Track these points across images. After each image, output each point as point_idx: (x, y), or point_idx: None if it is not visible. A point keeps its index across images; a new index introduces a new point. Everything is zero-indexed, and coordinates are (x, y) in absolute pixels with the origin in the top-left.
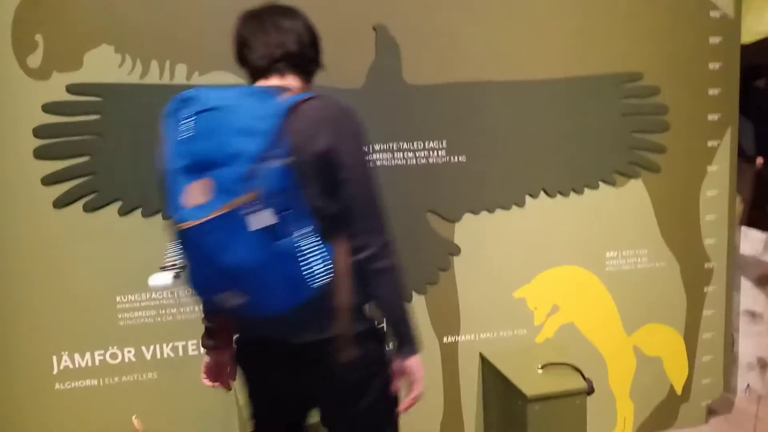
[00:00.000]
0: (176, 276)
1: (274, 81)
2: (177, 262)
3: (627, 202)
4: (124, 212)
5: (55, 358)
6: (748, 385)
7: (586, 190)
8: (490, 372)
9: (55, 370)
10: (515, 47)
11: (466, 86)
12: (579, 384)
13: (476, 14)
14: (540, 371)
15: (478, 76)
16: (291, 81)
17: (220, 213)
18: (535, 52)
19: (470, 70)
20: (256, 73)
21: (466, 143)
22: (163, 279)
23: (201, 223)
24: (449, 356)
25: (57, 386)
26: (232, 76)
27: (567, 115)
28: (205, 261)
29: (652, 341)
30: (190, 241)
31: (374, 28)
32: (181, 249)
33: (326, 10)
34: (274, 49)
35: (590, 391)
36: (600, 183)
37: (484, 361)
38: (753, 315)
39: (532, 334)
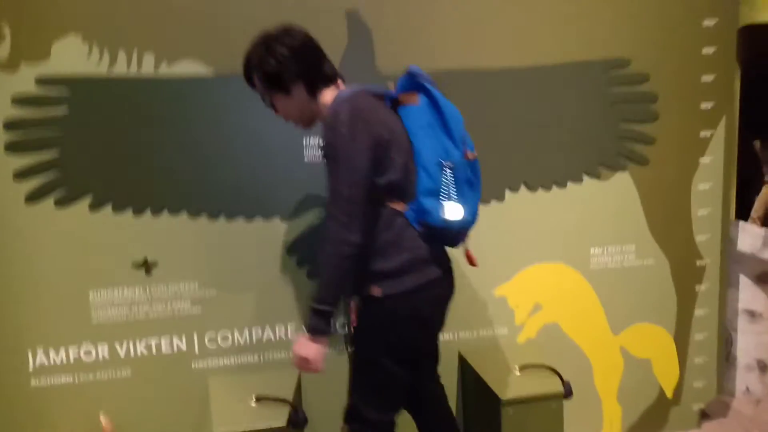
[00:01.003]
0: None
1: (341, 84)
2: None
3: (613, 196)
4: (93, 207)
5: (30, 354)
6: (747, 388)
7: (570, 184)
8: (468, 372)
9: (31, 367)
10: (493, 33)
11: (442, 74)
12: (556, 387)
13: None
14: (518, 373)
15: (455, 64)
16: None
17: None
18: (515, 38)
19: (446, 58)
20: (327, 80)
21: None
22: (457, 211)
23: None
24: None
25: (33, 383)
26: (201, 65)
27: (549, 105)
28: (472, 184)
29: (641, 342)
30: (467, 171)
31: (346, 13)
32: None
33: None
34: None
35: (567, 394)
36: (584, 176)
37: (463, 361)
38: (752, 314)
39: (513, 333)
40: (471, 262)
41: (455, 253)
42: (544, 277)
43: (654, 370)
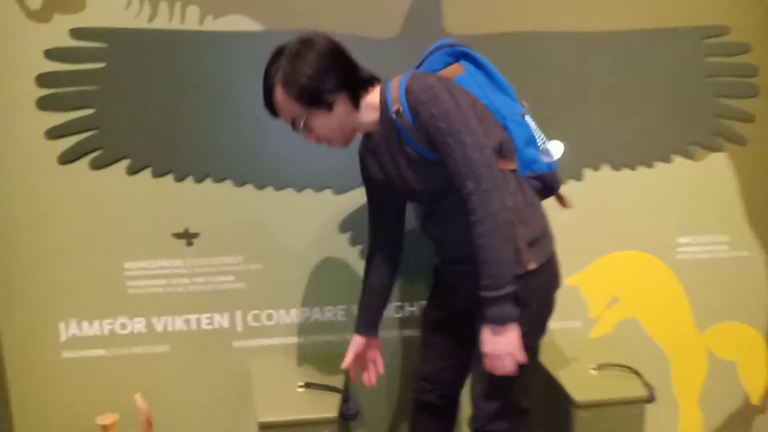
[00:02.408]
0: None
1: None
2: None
3: (707, 180)
4: (132, 171)
5: (62, 325)
6: None
7: (657, 164)
8: None
9: (63, 338)
10: None
11: (516, 37)
12: (638, 391)
13: None
14: (593, 372)
15: (531, 26)
16: None
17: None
18: None
19: (521, 18)
20: (367, 83)
21: None
22: (559, 147)
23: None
24: None
25: (64, 354)
26: (249, 20)
27: (637, 75)
28: None
29: (728, 342)
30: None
31: None
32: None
33: None
34: None
35: (651, 399)
36: (674, 156)
37: None
38: None
39: (586, 327)
40: (564, 203)
41: None
42: (623, 266)
43: (739, 374)
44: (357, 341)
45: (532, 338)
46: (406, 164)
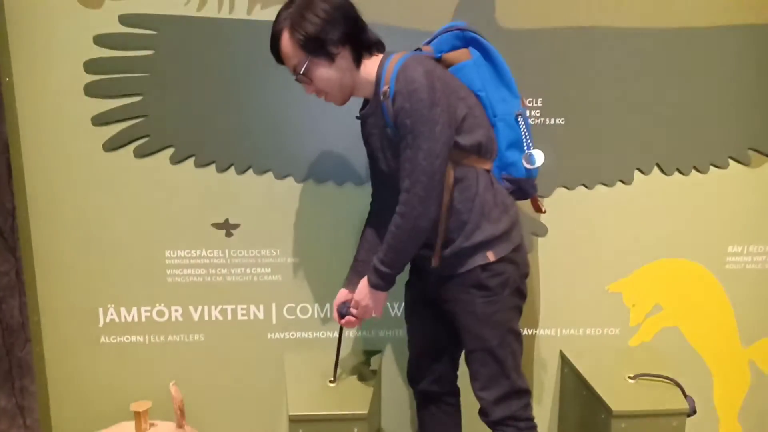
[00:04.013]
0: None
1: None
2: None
3: (762, 187)
4: (176, 160)
5: (101, 311)
6: None
7: (712, 169)
8: (570, 374)
9: (101, 323)
10: None
11: (571, 32)
12: (678, 403)
13: None
14: (631, 381)
15: (586, 20)
16: None
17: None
18: None
19: (577, 13)
20: (372, 47)
21: (566, 102)
22: (541, 156)
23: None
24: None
25: (102, 339)
26: None
27: (695, 74)
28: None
29: None
30: (527, 118)
31: None
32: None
33: None
34: None
35: (692, 412)
36: (730, 161)
37: (565, 361)
38: None
39: (625, 335)
40: (538, 208)
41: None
42: (669, 274)
43: None
44: (342, 295)
45: (510, 322)
46: (386, 144)
